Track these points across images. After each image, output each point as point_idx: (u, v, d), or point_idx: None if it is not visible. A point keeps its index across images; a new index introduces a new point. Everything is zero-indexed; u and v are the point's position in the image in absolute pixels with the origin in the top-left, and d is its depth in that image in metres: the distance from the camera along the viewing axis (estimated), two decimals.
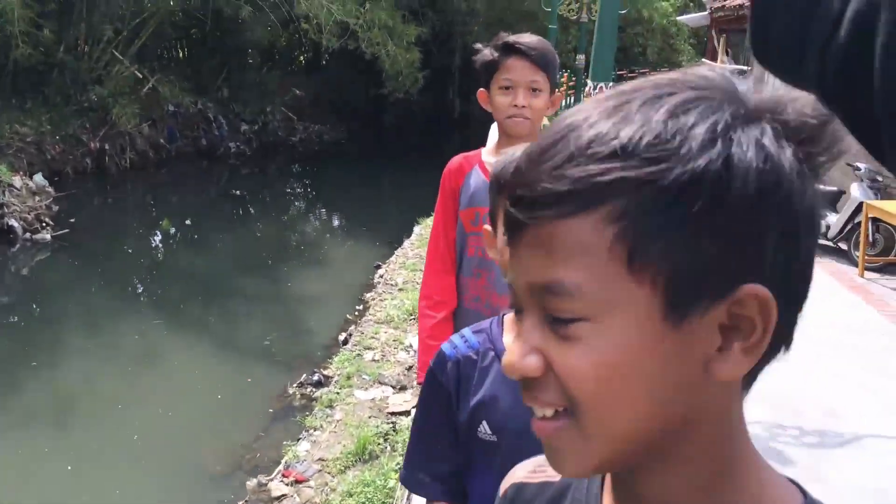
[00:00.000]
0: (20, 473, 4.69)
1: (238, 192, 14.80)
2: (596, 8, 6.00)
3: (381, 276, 8.07)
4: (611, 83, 5.75)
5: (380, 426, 4.39)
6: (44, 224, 10.19)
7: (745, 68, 14.56)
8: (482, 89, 2.00)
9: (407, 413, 4.51)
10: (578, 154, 0.44)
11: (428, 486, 1.30)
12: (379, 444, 4.17)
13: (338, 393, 4.98)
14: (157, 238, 11.31)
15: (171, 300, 8.36)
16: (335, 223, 13.57)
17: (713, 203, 0.42)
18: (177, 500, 4.49)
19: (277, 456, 4.51)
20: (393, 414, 4.57)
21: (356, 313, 7.20)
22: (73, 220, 10.65)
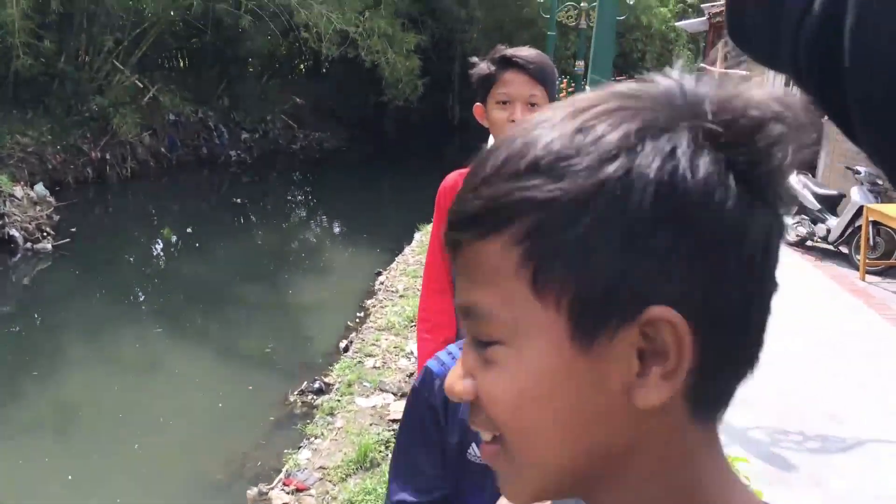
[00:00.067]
0: (22, 483, 4.68)
1: (239, 200, 14.81)
2: (594, 14, 6.01)
3: (382, 283, 8.07)
4: None
5: (381, 434, 4.38)
6: (45, 234, 10.20)
7: (746, 73, 14.59)
8: (478, 104, 1.94)
9: None
10: (493, 174, 0.43)
11: None
12: (380, 452, 4.16)
13: (339, 400, 4.98)
14: (159, 247, 11.32)
15: (172, 309, 8.36)
16: (336, 230, 13.58)
17: (611, 220, 0.40)
18: None
19: (278, 464, 4.50)
20: (394, 421, 4.56)
21: (357, 320, 7.20)
22: (75, 230, 10.66)
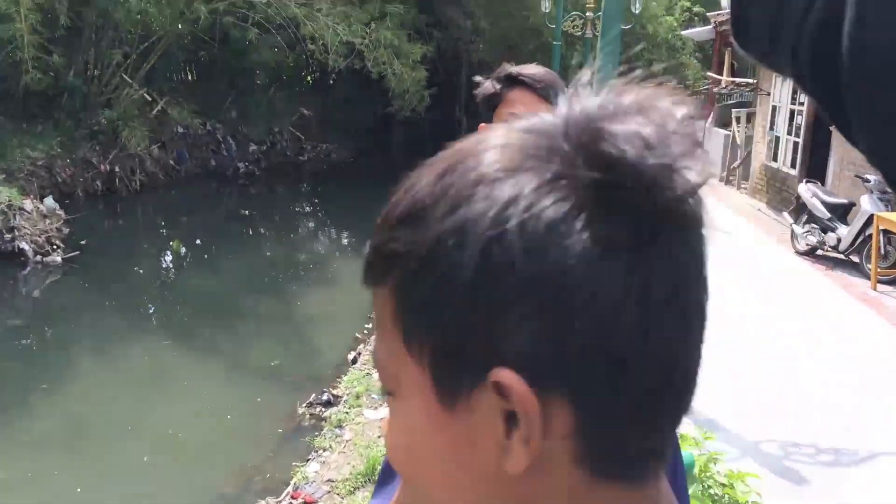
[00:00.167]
0: (31, 495, 4.68)
1: (247, 212, 14.86)
2: (600, 23, 6.02)
3: None
4: None
5: None
6: (54, 246, 10.25)
7: (752, 81, 14.57)
8: (483, 124, 1.95)
9: None
10: (380, 221, 0.42)
11: None
12: None
13: (347, 412, 4.97)
14: (168, 259, 11.35)
15: (181, 321, 8.38)
16: (344, 241, 13.60)
17: (451, 276, 0.38)
18: None
19: (286, 477, 4.49)
20: None
21: (365, 332, 7.19)
22: (84, 243, 10.70)
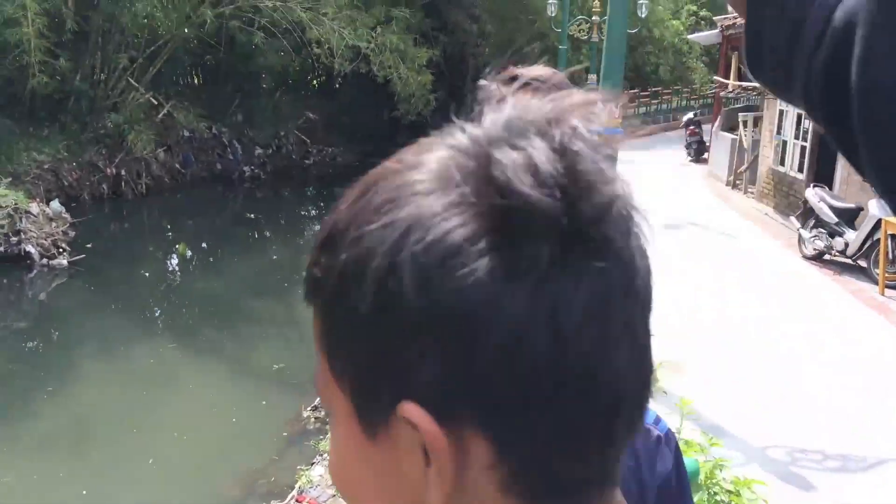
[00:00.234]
0: (37, 497, 4.68)
1: (253, 216, 14.88)
2: (606, 27, 6.01)
3: None
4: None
5: None
6: (60, 250, 10.28)
7: (759, 85, 14.58)
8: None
9: None
10: (315, 243, 0.41)
11: None
12: None
13: None
14: (174, 262, 11.37)
15: (187, 324, 8.39)
16: None
17: (354, 307, 0.37)
18: None
19: (291, 480, 4.48)
20: None
21: None
22: (90, 246, 10.73)
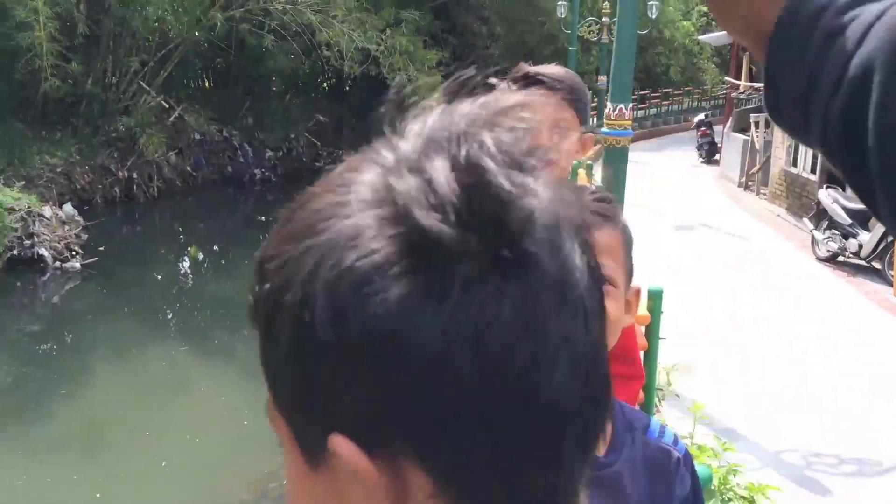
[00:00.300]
0: (50, 499, 4.71)
1: (264, 219, 14.91)
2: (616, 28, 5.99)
3: None
4: (630, 104, 5.76)
5: None
6: (73, 253, 10.34)
7: (759, 85, 14.48)
8: None
9: None
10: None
11: None
12: None
13: None
14: (185, 265, 11.42)
15: (199, 327, 8.42)
16: None
17: (276, 338, 0.35)
18: None
19: None
20: None
21: None
22: (103, 249, 10.79)
